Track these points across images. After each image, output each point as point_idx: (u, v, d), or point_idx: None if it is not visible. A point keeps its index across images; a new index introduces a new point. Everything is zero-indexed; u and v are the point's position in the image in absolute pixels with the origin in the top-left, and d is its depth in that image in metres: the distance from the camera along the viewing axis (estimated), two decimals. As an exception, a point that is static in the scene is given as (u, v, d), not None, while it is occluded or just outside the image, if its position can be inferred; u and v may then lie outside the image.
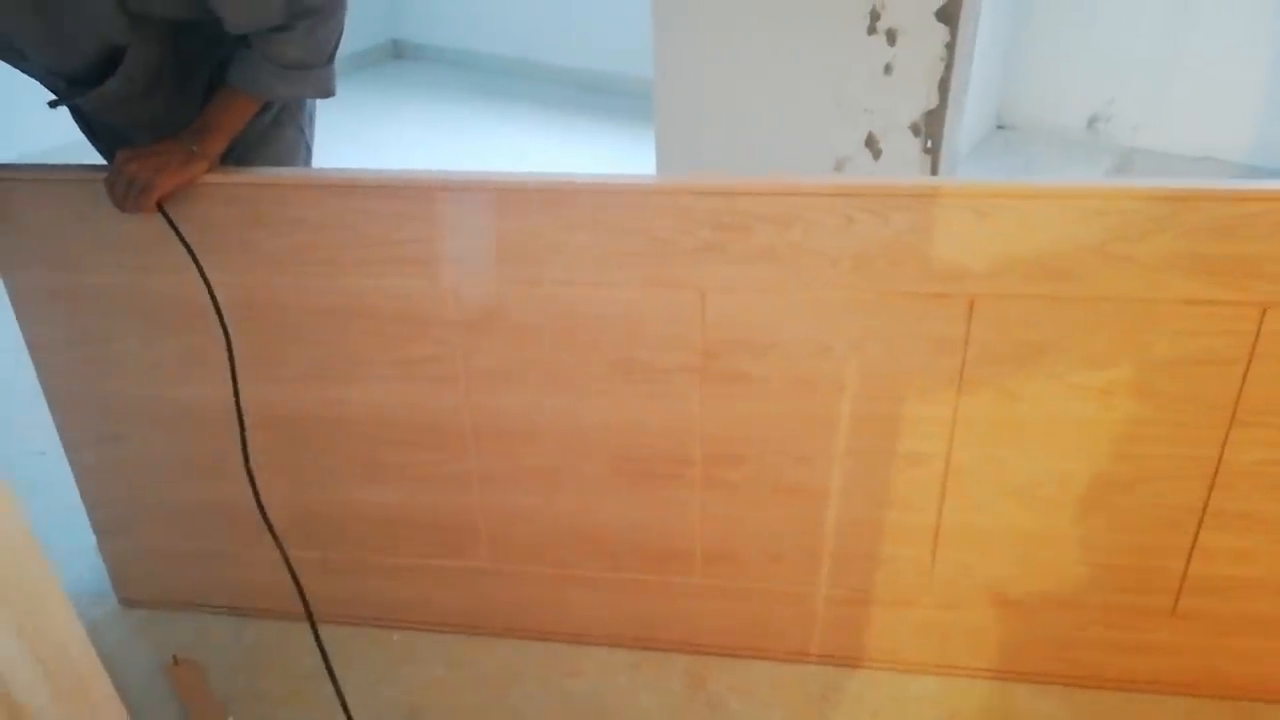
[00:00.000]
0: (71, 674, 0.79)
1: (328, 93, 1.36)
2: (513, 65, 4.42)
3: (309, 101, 1.54)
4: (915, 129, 1.49)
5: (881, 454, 1.40)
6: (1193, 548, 1.41)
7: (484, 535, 1.60)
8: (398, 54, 4.81)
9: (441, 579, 1.65)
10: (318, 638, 1.39)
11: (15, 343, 1.55)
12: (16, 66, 1.32)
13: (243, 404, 1.51)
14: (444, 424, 1.50)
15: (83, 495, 1.69)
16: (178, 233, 1.34)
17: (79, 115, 1.49)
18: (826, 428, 1.40)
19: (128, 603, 1.79)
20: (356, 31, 4.67)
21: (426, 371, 1.46)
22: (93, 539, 1.76)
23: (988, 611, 1.50)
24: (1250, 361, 1.25)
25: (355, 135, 3.85)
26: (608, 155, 3.67)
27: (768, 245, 1.29)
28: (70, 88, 1.33)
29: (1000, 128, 3.46)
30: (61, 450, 1.65)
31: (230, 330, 1.45)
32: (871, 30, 1.45)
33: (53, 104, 1.35)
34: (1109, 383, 1.30)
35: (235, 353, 1.46)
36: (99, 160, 1.51)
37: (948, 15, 1.39)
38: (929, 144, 1.49)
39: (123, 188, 1.32)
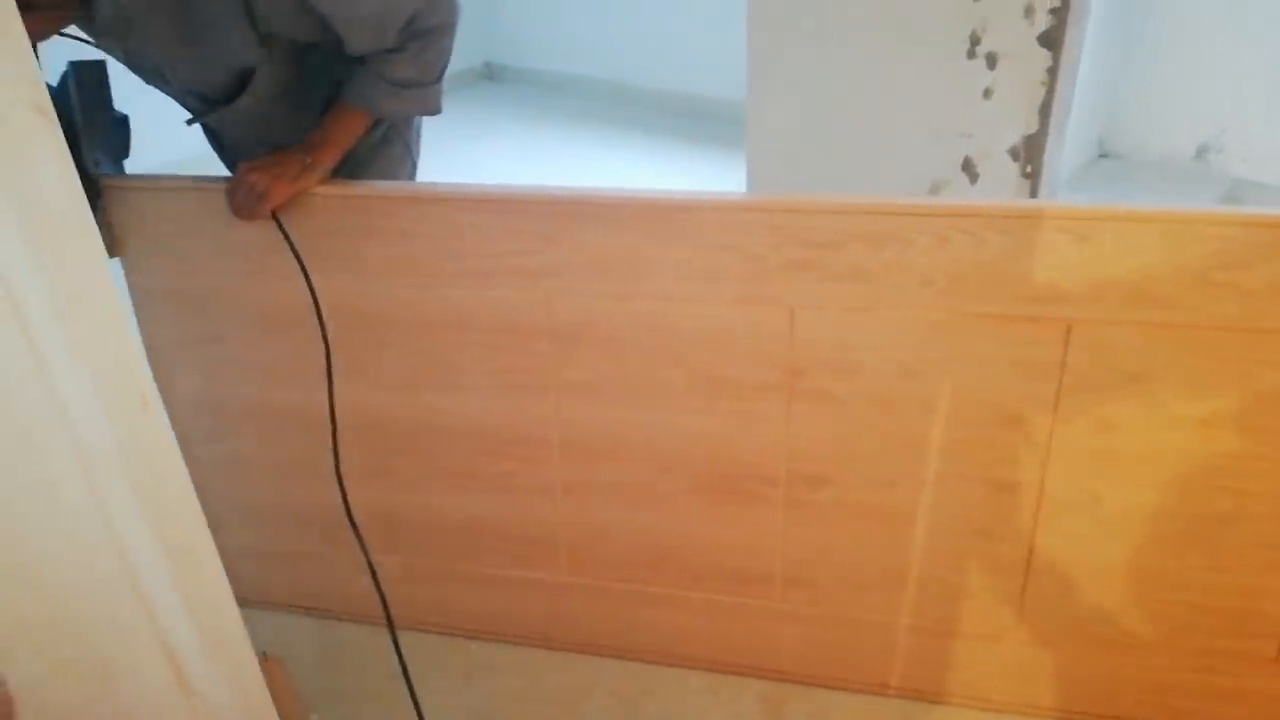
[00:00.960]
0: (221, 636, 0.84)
1: (435, 110, 1.42)
2: (604, 88, 4.49)
3: (415, 120, 1.61)
4: (1014, 154, 1.48)
5: (971, 480, 1.38)
6: (1300, 593, 1.34)
7: (564, 548, 1.61)
8: (490, 76, 4.94)
9: (521, 590, 1.67)
10: (395, 641, 1.42)
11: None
12: (158, 87, 1.42)
13: (338, 408, 1.57)
14: (532, 435, 1.52)
15: (185, 491, 1.76)
16: (288, 239, 1.41)
17: (209, 130, 1.59)
18: (914, 451, 1.39)
19: (221, 598, 1.85)
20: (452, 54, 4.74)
21: (518, 382, 1.49)
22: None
23: (1078, 650, 1.46)
24: (1365, 397, 1.21)
25: (448, 156, 3.96)
26: (699, 179, 3.70)
27: (859, 264, 1.29)
28: (204, 105, 1.42)
29: (1104, 156, 3.39)
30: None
31: (332, 336, 1.51)
32: (971, 54, 1.45)
33: (190, 121, 1.46)
34: (1210, 414, 1.26)
35: (335, 359, 1.52)
36: (223, 171, 1.60)
37: (1051, 40, 1.39)
38: (1028, 169, 1.48)
39: (242, 195, 1.39)
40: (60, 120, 0.62)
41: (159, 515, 0.71)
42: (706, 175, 3.71)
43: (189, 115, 1.47)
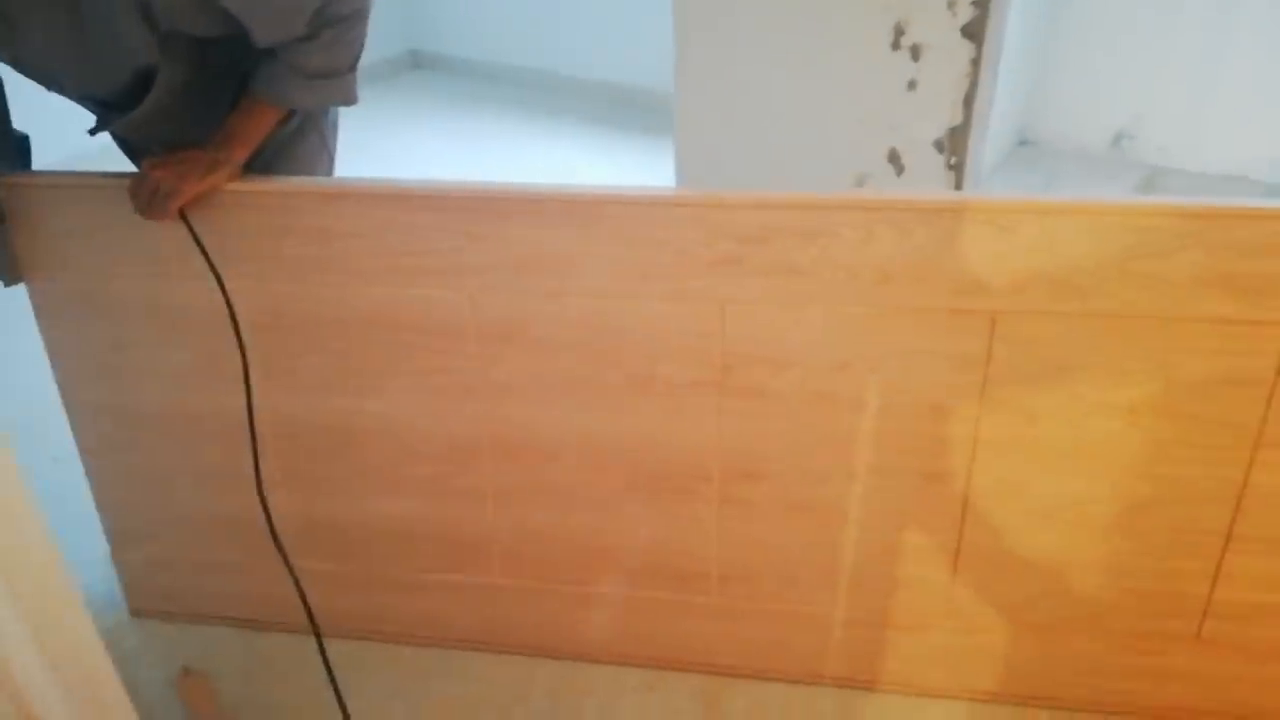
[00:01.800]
0: (85, 680, 0.79)
1: (350, 100, 1.37)
2: (532, 77, 4.43)
3: (331, 110, 1.55)
4: (939, 145, 1.48)
5: (901, 473, 1.39)
6: (1217, 572, 1.38)
7: (498, 551, 1.58)
8: (416, 64, 4.83)
9: (455, 594, 1.64)
10: (322, 648, 1.39)
11: (34, 347, 1.56)
12: (60, 93, 1.35)
13: (259, 414, 1.51)
14: (461, 438, 1.49)
15: (97, 503, 1.69)
16: (197, 240, 1.35)
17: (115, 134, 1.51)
18: (845, 445, 1.39)
19: (139, 613, 1.79)
20: (373, 41, 4.65)
21: (445, 383, 1.45)
22: (106, 547, 1.75)
23: (1008, 636, 1.48)
24: (1278, 383, 1.24)
25: (373, 146, 3.87)
26: (628, 169, 3.68)
27: (788, 258, 1.28)
28: (107, 112, 1.35)
29: (1023, 144, 3.45)
30: (77, 457, 1.65)
31: (250, 339, 1.46)
32: (895, 46, 1.44)
33: (92, 131, 1.37)
34: (1133, 402, 1.28)
35: (254, 362, 1.46)
36: (126, 165, 1.53)
37: (973, 32, 1.39)
38: (953, 160, 1.48)
39: (146, 194, 1.33)
40: None
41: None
42: (638, 164, 3.69)
43: (92, 125, 1.38)
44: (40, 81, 1.31)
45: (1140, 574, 1.39)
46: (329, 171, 1.58)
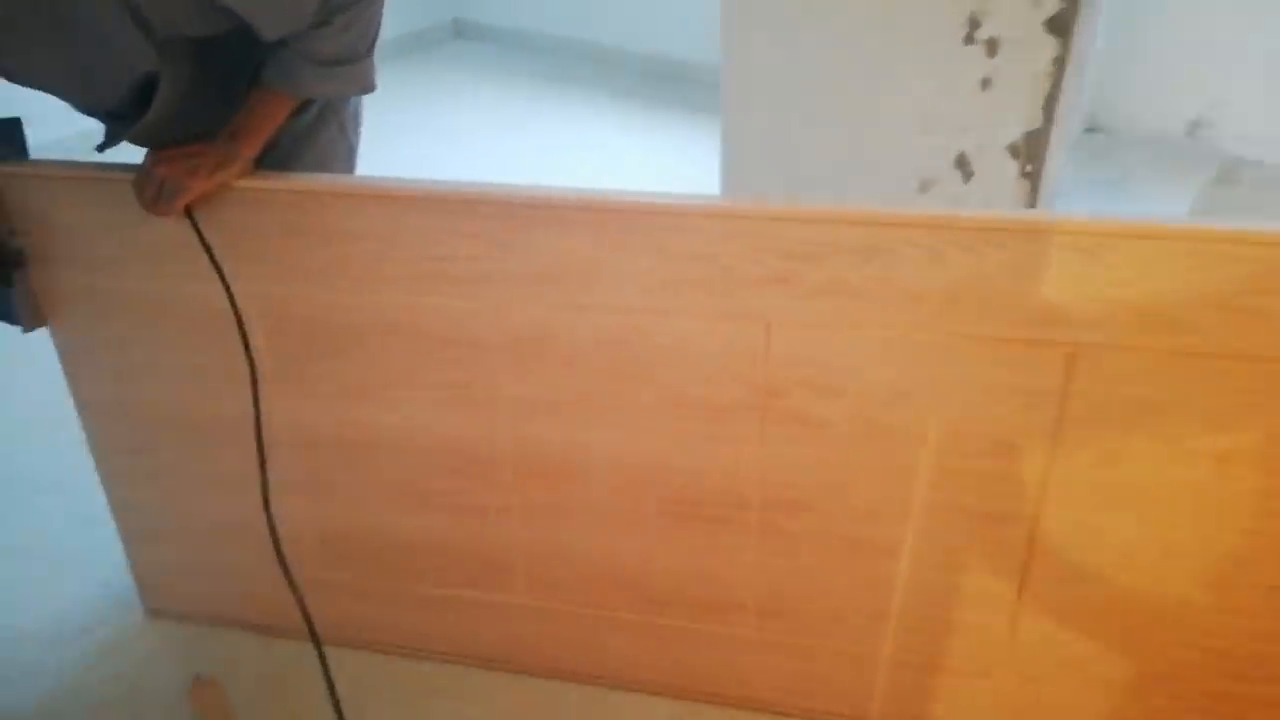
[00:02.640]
0: None
1: (368, 87, 1.27)
2: (577, 48, 4.30)
3: (352, 100, 1.45)
4: (1014, 150, 1.34)
5: (961, 512, 1.27)
6: (1311, 633, 1.25)
7: (522, 570, 1.49)
8: (459, 33, 4.72)
9: (477, 612, 1.56)
10: (324, 662, 1.32)
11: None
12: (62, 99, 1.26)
13: (274, 420, 1.44)
14: (483, 453, 1.40)
15: (110, 501, 1.63)
16: (203, 239, 1.26)
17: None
18: (900, 480, 1.27)
19: (155, 613, 1.73)
20: (417, 10, 4.61)
21: (466, 396, 1.36)
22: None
23: (1074, 689, 1.36)
24: (1398, 434, 1.09)
25: (413, 117, 3.79)
26: (673, 146, 3.54)
27: (843, 278, 1.16)
28: (114, 123, 1.26)
29: (1090, 130, 3.24)
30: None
31: (263, 343, 1.38)
32: (969, 39, 1.30)
33: (101, 147, 1.28)
34: (1228, 450, 1.14)
35: (267, 367, 1.39)
36: (137, 154, 1.44)
37: (1059, 26, 1.24)
38: (1028, 168, 1.34)
39: (152, 191, 1.24)
40: None
41: None
42: (685, 142, 3.55)
43: (100, 142, 1.29)
44: (36, 89, 1.22)
45: (1224, 633, 1.26)
46: (349, 164, 1.48)
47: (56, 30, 1.07)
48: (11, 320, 1.43)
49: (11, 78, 1.15)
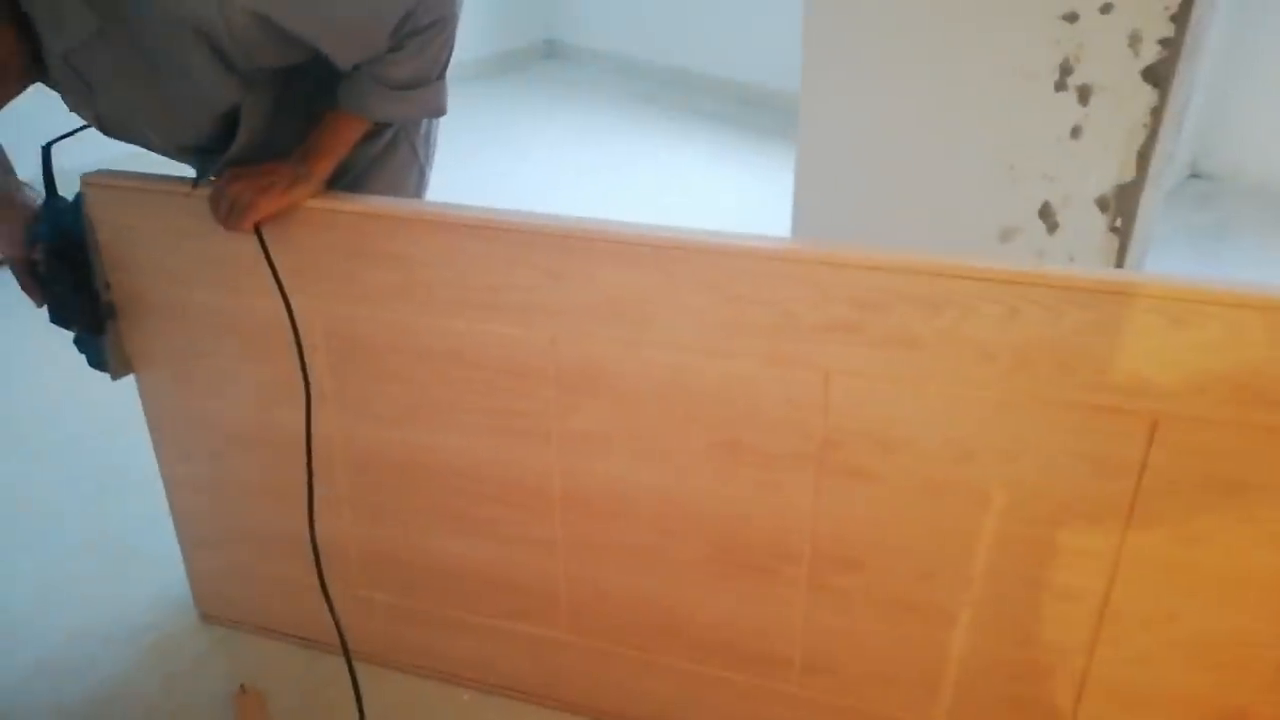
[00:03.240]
0: None
1: (439, 111, 1.26)
2: (667, 73, 4.31)
3: (426, 121, 1.45)
4: (1103, 204, 1.27)
5: (1024, 583, 1.20)
6: None
7: (565, 605, 1.47)
8: (550, 54, 4.77)
9: (518, 643, 1.53)
10: (354, 680, 1.33)
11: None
12: (148, 149, 1.30)
13: (332, 439, 1.44)
14: (532, 484, 1.38)
15: (171, 506, 1.66)
16: (268, 256, 1.27)
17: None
18: (960, 543, 1.20)
19: (208, 618, 1.76)
20: (509, 30, 4.67)
21: (518, 426, 1.34)
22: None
23: (1137, 779, 1.27)
24: None
25: (501, 135, 3.83)
26: (759, 174, 3.51)
27: (909, 329, 1.10)
28: (201, 159, 1.29)
29: (1194, 176, 3.09)
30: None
31: (324, 362, 1.39)
32: (1061, 86, 1.23)
33: (195, 183, 1.31)
34: (1322, 537, 1.05)
35: (328, 387, 1.40)
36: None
37: (1158, 75, 1.17)
38: (1117, 223, 1.26)
39: (225, 207, 1.26)
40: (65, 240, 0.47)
41: None
42: (770, 171, 3.51)
43: (194, 177, 1.32)
44: (126, 140, 1.26)
45: (1310, 735, 1.16)
46: (419, 186, 1.48)
47: (144, 74, 1.10)
48: (102, 367, 1.49)
49: (102, 124, 1.19)
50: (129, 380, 1.55)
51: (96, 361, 1.49)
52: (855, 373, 1.15)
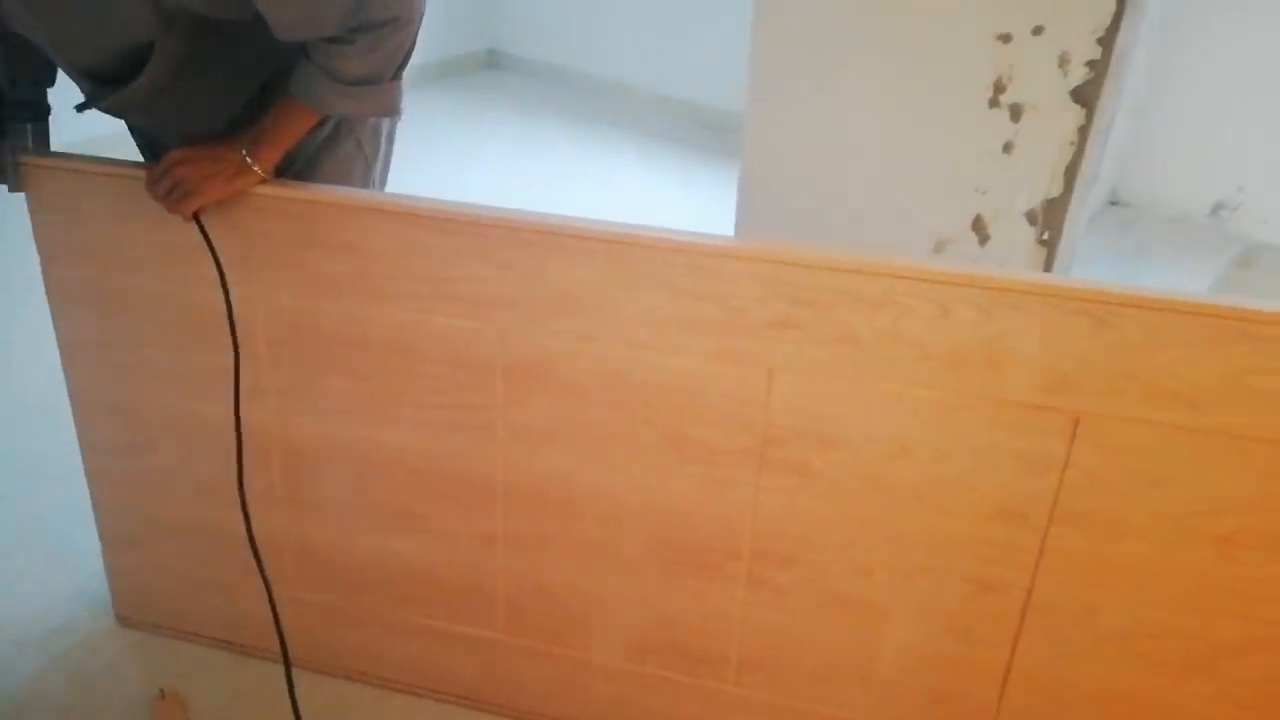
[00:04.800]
0: None
1: (390, 111, 1.26)
2: (607, 86, 4.35)
3: (378, 120, 1.45)
4: (1032, 217, 1.33)
5: (953, 577, 1.24)
6: (1308, 732, 1.20)
7: (502, 604, 1.46)
8: (492, 64, 4.79)
9: (453, 645, 1.52)
10: (291, 686, 1.30)
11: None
12: (47, 56, 1.25)
13: (269, 431, 1.42)
14: (475, 478, 1.38)
15: (94, 501, 1.61)
16: (209, 243, 1.26)
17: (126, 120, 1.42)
18: (894, 538, 1.24)
19: (125, 621, 1.70)
20: (452, 38, 4.63)
21: (463, 419, 1.34)
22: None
23: (1058, 770, 1.31)
24: None
25: (442, 144, 3.82)
26: (696, 191, 3.56)
27: (850, 328, 1.14)
28: (96, 86, 1.25)
29: (1114, 203, 3.24)
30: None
31: (266, 352, 1.37)
32: (994, 103, 1.30)
33: (80, 107, 1.27)
34: (1231, 532, 1.12)
35: (268, 377, 1.39)
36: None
37: (1084, 95, 1.24)
38: (1045, 235, 1.33)
39: (165, 189, 1.24)
40: None
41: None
42: (703, 187, 3.57)
43: (79, 102, 1.27)
44: (20, 40, 1.20)
45: (1219, 724, 1.22)
46: (365, 181, 1.47)
47: None
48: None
49: (3, 18, 1.13)
50: (54, 366, 1.50)
51: None
52: (797, 370, 1.18)
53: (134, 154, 1.47)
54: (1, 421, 2.19)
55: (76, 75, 1.24)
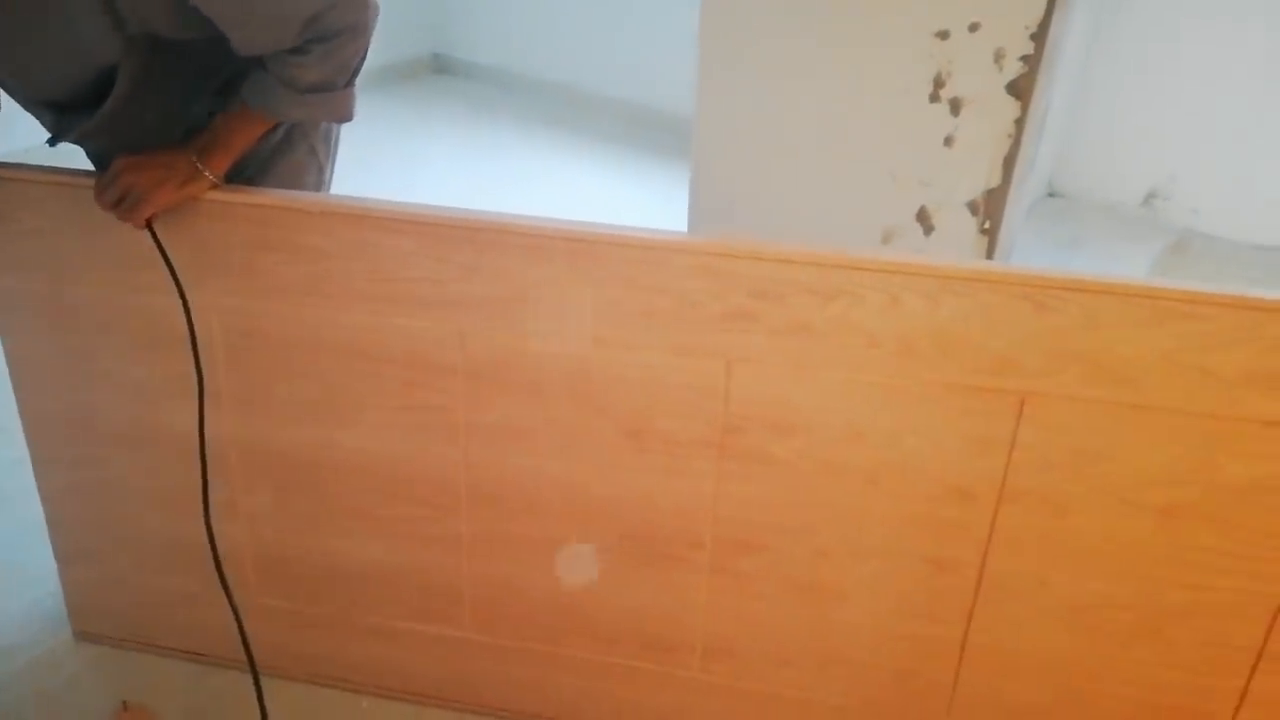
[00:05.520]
0: None
1: (345, 117, 1.27)
2: (555, 90, 4.35)
3: (326, 124, 1.45)
4: (973, 207, 1.38)
5: (909, 557, 1.28)
6: (1245, 692, 1.26)
7: (469, 603, 1.47)
8: (438, 68, 4.76)
9: (420, 645, 1.53)
10: (259, 692, 1.30)
11: None
12: (9, 93, 1.24)
13: (227, 438, 1.42)
14: (438, 479, 1.38)
15: (47, 517, 1.59)
16: (162, 251, 1.25)
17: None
18: (852, 522, 1.28)
19: (84, 636, 1.68)
20: (396, 43, 4.58)
21: (425, 421, 1.35)
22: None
23: (1013, 741, 1.36)
24: (1331, 495, 1.13)
25: (389, 149, 3.80)
26: (646, 192, 3.58)
27: (804, 318, 1.18)
28: (61, 117, 1.24)
29: (1051, 195, 3.34)
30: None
31: (221, 359, 1.36)
32: (934, 98, 1.34)
33: (51, 142, 1.26)
34: (1170, 503, 1.17)
35: (224, 384, 1.38)
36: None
37: (1019, 89, 1.29)
38: (986, 224, 1.38)
39: (113, 196, 1.23)
40: None
41: None
42: (657, 189, 3.59)
43: (49, 136, 1.27)
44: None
45: (1163, 688, 1.28)
46: (319, 185, 1.48)
47: (19, 14, 1.06)
48: None
49: None
50: (5, 384, 1.48)
51: None
52: (754, 360, 1.21)
53: (71, 162, 1.45)
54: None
55: (38, 108, 1.24)
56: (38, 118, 1.27)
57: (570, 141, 4.02)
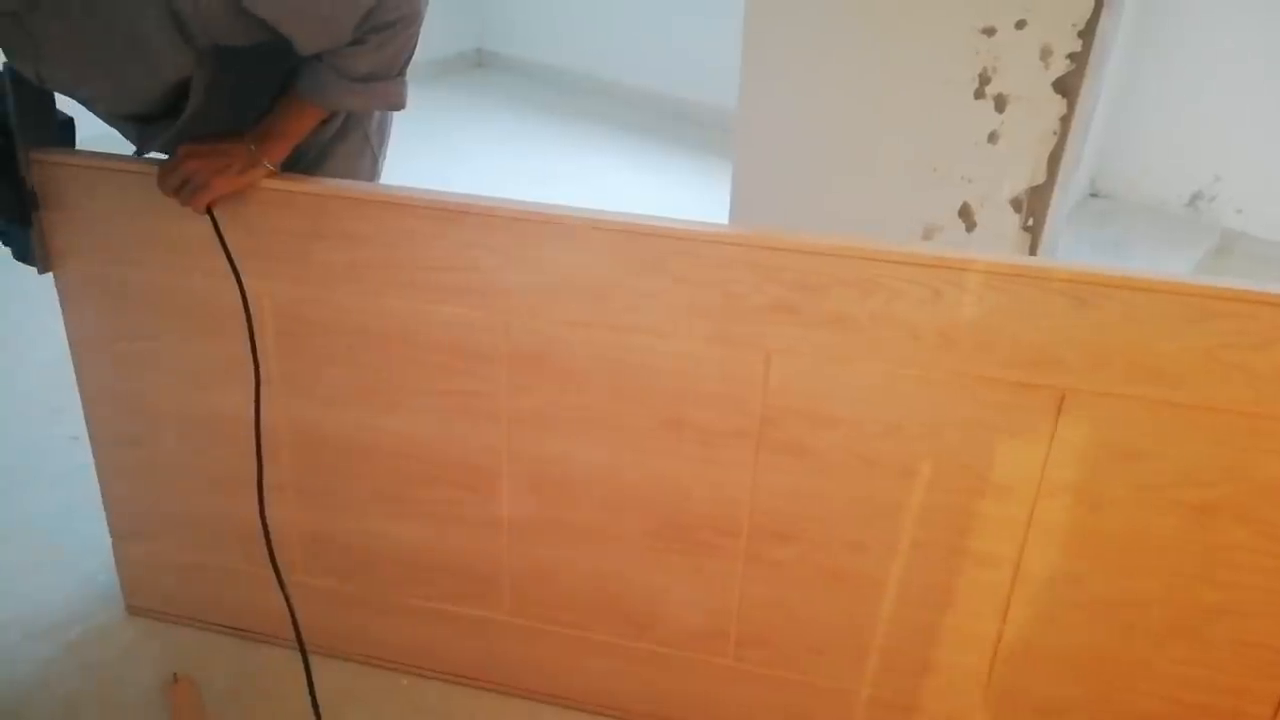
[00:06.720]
0: None
1: (398, 105, 1.30)
2: (596, 84, 4.39)
3: (379, 113, 1.49)
4: (1016, 204, 1.38)
5: (945, 550, 1.29)
6: (1284, 694, 1.26)
7: (507, 586, 1.50)
8: (480, 63, 4.82)
9: (459, 626, 1.56)
10: (308, 669, 1.33)
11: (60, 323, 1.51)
12: (90, 110, 1.30)
13: (277, 421, 1.46)
14: (479, 463, 1.41)
15: (103, 493, 1.64)
16: (221, 238, 1.29)
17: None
18: (888, 514, 1.29)
19: (136, 610, 1.73)
20: (439, 38, 4.65)
21: (467, 406, 1.38)
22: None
23: (1045, 736, 1.37)
24: (1374, 496, 1.12)
25: (432, 142, 3.85)
26: (684, 186, 3.60)
27: (844, 311, 1.19)
28: (142, 129, 1.30)
29: (1094, 195, 3.31)
30: (93, 441, 1.60)
31: (272, 343, 1.40)
32: (980, 94, 1.35)
33: (138, 153, 1.31)
34: (1207, 501, 1.17)
35: (275, 368, 1.42)
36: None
37: (1066, 86, 1.29)
38: (1029, 222, 1.38)
39: (175, 182, 1.27)
40: None
41: None
42: (696, 184, 3.61)
43: (134, 148, 1.32)
44: (67, 95, 1.26)
45: (1197, 687, 1.28)
46: (371, 174, 1.51)
47: (95, 33, 1.11)
48: (28, 260, 1.44)
49: (44, 80, 1.18)
50: (50, 364, 1.52)
51: (21, 254, 1.43)
52: (794, 352, 1.23)
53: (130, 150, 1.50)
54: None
55: (120, 122, 1.29)
56: (121, 131, 1.34)
57: (611, 135, 4.05)
